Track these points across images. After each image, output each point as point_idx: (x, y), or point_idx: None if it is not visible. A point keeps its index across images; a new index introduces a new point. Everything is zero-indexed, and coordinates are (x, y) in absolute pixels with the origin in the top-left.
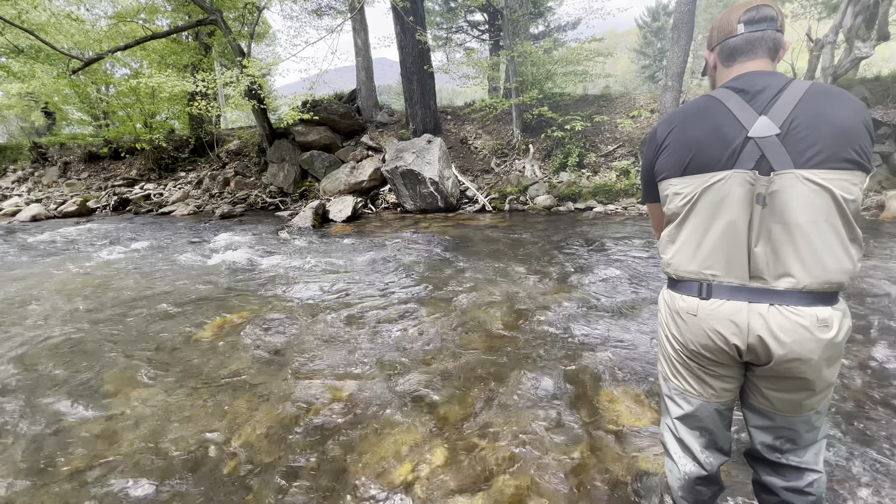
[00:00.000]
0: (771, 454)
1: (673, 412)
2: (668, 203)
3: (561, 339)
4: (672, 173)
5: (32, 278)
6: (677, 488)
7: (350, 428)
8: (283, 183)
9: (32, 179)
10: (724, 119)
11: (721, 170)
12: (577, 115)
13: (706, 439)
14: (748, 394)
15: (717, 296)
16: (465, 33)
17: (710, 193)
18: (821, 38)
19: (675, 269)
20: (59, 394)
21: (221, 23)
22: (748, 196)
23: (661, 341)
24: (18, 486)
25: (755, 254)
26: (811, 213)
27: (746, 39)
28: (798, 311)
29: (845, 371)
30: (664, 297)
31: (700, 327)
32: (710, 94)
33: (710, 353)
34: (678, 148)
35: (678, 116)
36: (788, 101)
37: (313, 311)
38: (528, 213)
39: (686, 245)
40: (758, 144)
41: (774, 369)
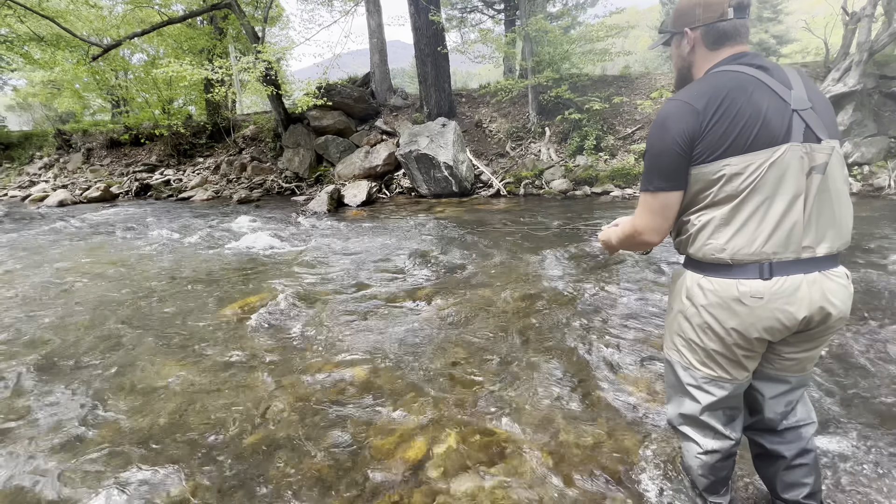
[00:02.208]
0: (782, 421)
1: (703, 400)
2: (723, 185)
3: (576, 323)
4: (732, 151)
5: (64, 262)
6: (697, 467)
7: (367, 406)
8: (299, 168)
9: (58, 166)
10: (769, 93)
11: (781, 143)
12: (594, 96)
13: (728, 416)
14: (767, 364)
15: (779, 273)
16: (481, 13)
17: (775, 169)
18: (857, 11)
19: (733, 253)
20: (91, 370)
21: (236, 6)
22: (803, 168)
23: (683, 336)
24: (61, 456)
25: (807, 225)
26: (842, 180)
27: (735, 25)
28: (836, 272)
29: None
30: (704, 286)
31: (767, 310)
32: (735, 70)
33: (770, 334)
34: (736, 122)
35: (718, 89)
36: (797, 79)
37: (330, 294)
38: (544, 197)
39: (746, 226)
40: (801, 116)
41: (818, 331)
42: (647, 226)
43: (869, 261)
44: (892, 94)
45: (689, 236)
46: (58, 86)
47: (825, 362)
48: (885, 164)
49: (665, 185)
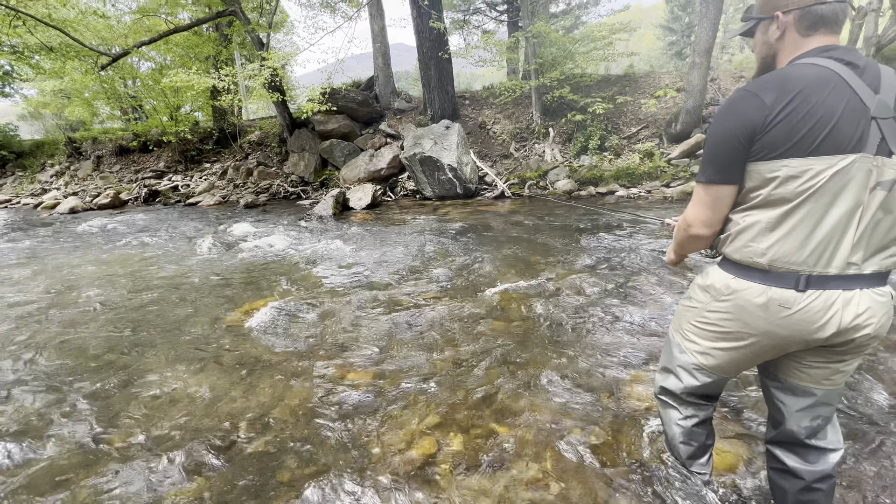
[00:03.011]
0: (810, 439)
1: (687, 382)
2: (778, 186)
3: (582, 325)
4: (794, 152)
5: (73, 268)
6: (678, 434)
7: (373, 408)
8: (304, 172)
9: (69, 173)
10: (849, 95)
11: (851, 152)
12: (598, 96)
13: (707, 396)
14: (788, 372)
15: (815, 287)
16: (484, 14)
17: (838, 178)
18: (864, 6)
19: (773, 259)
20: (99, 375)
21: (240, 13)
22: (867, 182)
23: (698, 325)
24: (74, 458)
25: (858, 241)
26: None
27: (835, 10)
28: (880, 291)
29: None
30: (731, 286)
31: (793, 320)
32: (819, 64)
33: (790, 345)
34: (806, 122)
35: (793, 82)
36: (891, 82)
37: (336, 297)
38: (549, 198)
39: (793, 234)
40: (879, 126)
41: (849, 348)
42: (697, 217)
43: None
44: None
45: (730, 235)
46: (68, 94)
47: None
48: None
49: (718, 177)
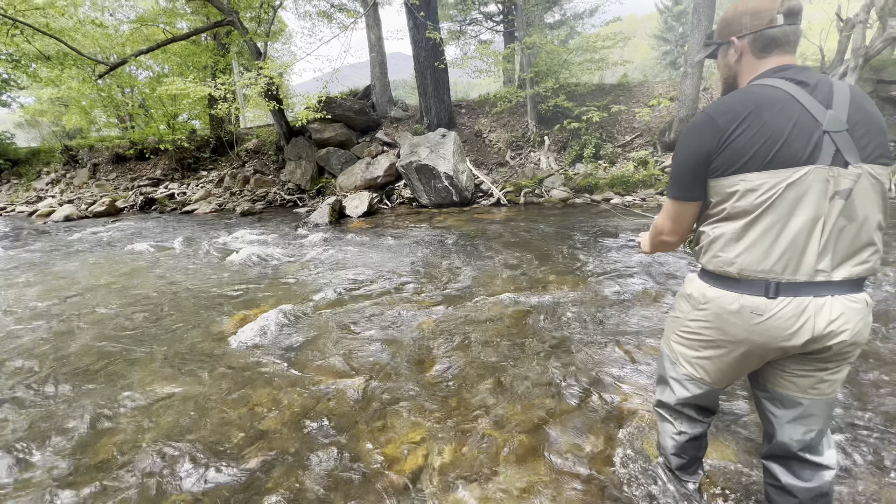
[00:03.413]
0: (801, 451)
1: (679, 394)
2: (737, 200)
3: (575, 334)
4: (749, 167)
5: (67, 276)
6: (671, 447)
7: (364, 417)
8: (301, 180)
9: (64, 181)
10: (799, 111)
11: (804, 164)
12: (593, 104)
13: (702, 409)
14: (776, 381)
15: (785, 294)
16: (480, 25)
17: (793, 190)
18: (851, 18)
19: (741, 268)
20: (91, 386)
21: (238, 23)
22: (825, 192)
23: (683, 335)
24: (59, 471)
25: (824, 248)
26: (870, 207)
27: (785, 32)
28: (853, 297)
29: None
30: (708, 295)
31: (765, 327)
32: (770, 84)
33: (767, 352)
34: (757, 139)
35: (745, 105)
36: (843, 98)
37: (330, 306)
38: (544, 205)
39: (758, 244)
40: (832, 139)
41: (829, 356)
42: (665, 227)
43: None
44: (889, 97)
45: (703, 246)
46: (65, 103)
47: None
48: None
49: (681, 195)
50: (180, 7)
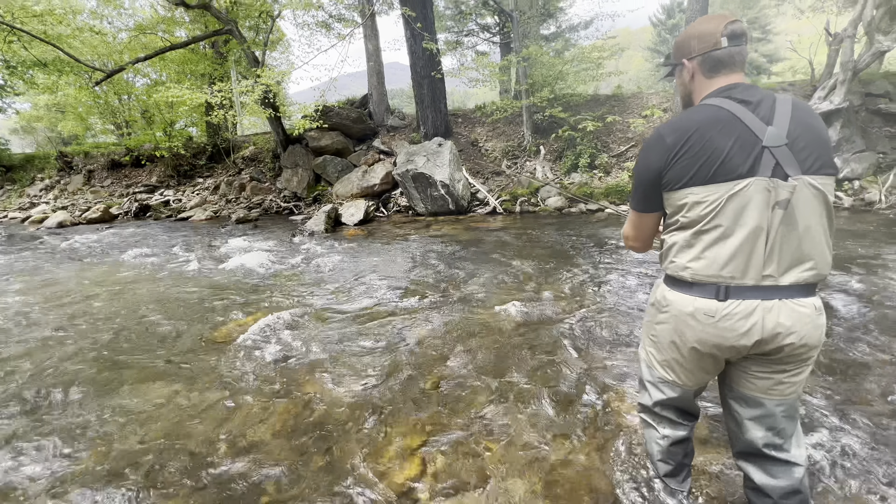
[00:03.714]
0: (767, 448)
1: (655, 397)
2: (687, 211)
3: (570, 344)
4: (695, 181)
5: (59, 283)
6: (657, 452)
7: (357, 428)
8: (297, 187)
9: (59, 187)
10: (740, 128)
11: (744, 177)
12: (588, 115)
13: (681, 411)
14: (739, 382)
15: (734, 297)
16: (476, 36)
17: (735, 200)
18: (839, 32)
19: (693, 273)
20: (81, 393)
21: (237, 32)
22: (767, 202)
23: (652, 338)
24: (43, 481)
25: (769, 255)
26: (813, 215)
27: (730, 53)
28: (801, 302)
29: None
30: (669, 298)
31: (717, 328)
32: (714, 105)
33: (722, 352)
34: (701, 156)
35: (690, 124)
36: (785, 113)
37: (324, 314)
38: (539, 214)
39: (707, 251)
40: (772, 153)
41: (781, 357)
42: (629, 234)
43: (860, 274)
44: (877, 111)
45: (662, 253)
46: (61, 109)
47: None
48: (875, 180)
49: (640, 206)
50: (179, 16)
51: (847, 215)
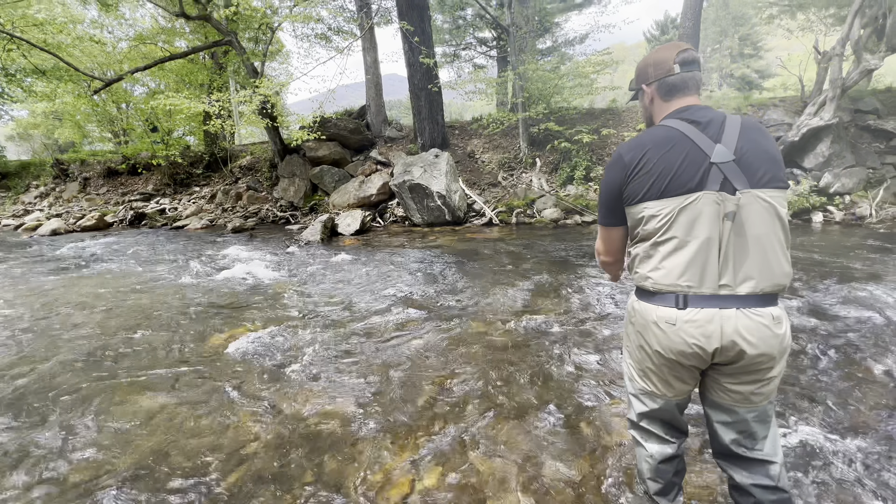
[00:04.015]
0: (737, 448)
1: (638, 409)
2: (645, 224)
3: (565, 357)
4: (649, 196)
5: (50, 292)
6: (646, 470)
7: (350, 441)
8: (294, 197)
9: (53, 195)
10: (690, 146)
11: (693, 191)
12: (583, 128)
13: (667, 427)
14: (711, 391)
15: (693, 305)
16: (473, 49)
17: (686, 213)
18: (828, 51)
19: (654, 282)
20: (71, 404)
21: (236, 43)
22: (717, 214)
23: (628, 348)
24: (32, 497)
25: (724, 264)
26: (764, 226)
27: (683, 78)
28: (759, 311)
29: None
30: (636, 308)
31: (678, 336)
32: (666, 125)
33: (685, 359)
34: (653, 173)
35: (645, 143)
36: (733, 132)
37: (318, 326)
38: (535, 226)
39: (664, 260)
40: (720, 168)
41: (743, 366)
42: (599, 248)
43: (850, 287)
44: (867, 127)
45: (628, 265)
46: (59, 116)
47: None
48: (865, 194)
49: (606, 220)
50: (180, 27)
51: (839, 229)
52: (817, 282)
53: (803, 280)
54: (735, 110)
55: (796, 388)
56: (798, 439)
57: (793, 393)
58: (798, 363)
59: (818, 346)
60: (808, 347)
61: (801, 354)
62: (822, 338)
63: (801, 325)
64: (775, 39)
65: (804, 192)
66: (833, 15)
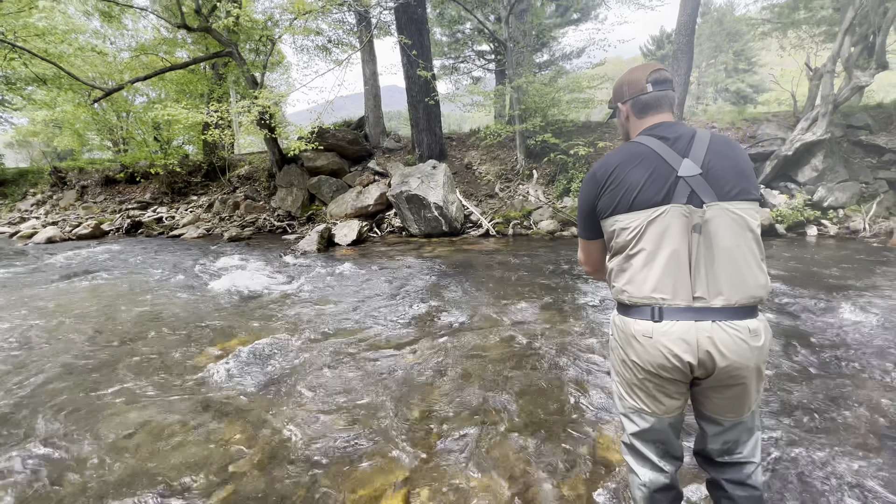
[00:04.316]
0: (720, 457)
1: (629, 429)
2: (617, 237)
3: (561, 369)
4: (619, 210)
5: (41, 301)
6: (640, 499)
7: (341, 460)
8: (291, 207)
9: (51, 202)
10: (657, 161)
11: (661, 205)
12: (580, 140)
13: (661, 449)
14: (700, 404)
15: (668, 318)
16: (472, 63)
17: (654, 226)
18: (819, 68)
19: (629, 295)
20: (56, 417)
21: (237, 55)
22: (685, 226)
23: (614, 366)
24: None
25: (695, 276)
26: (734, 238)
27: (655, 97)
28: (734, 324)
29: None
30: (616, 322)
31: (656, 348)
32: (637, 142)
33: (666, 372)
34: (622, 187)
35: (616, 159)
36: (701, 147)
37: (311, 338)
38: (532, 237)
39: (637, 273)
40: (687, 182)
41: (720, 378)
42: (581, 259)
43: (848, 300)
44: (859, 142)
45: (607, 278)
46: (59, 124)
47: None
48: (858, 209)
49: (583, 234)
50: (181, 38)
51: (833, 243)
52: (816, 294)
53: (806, 293)
54: (729, 124)
55: (790, 400)
56: (787, 453)
57: (785, 404)
58: (788, 375)
59: (811, 357)
60: (800, 359)
61: (792, 365)
62: (816, 349)
63: (795, 336)
64: (769, 55)
65: (798, 205)
66: (824, 32)
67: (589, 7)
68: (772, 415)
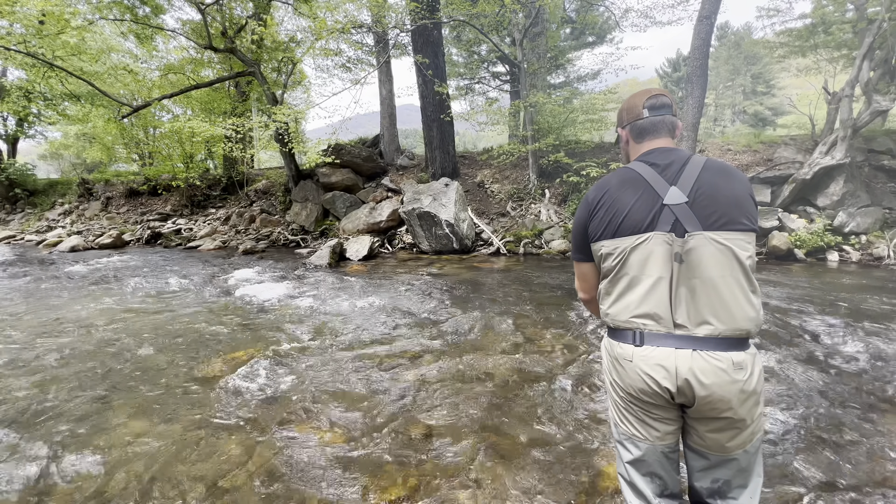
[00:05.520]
0: (710, 497)
1: (624, 457)
2: (604, 261)
3: (567, 391)
4: (605, 235)
5: (59, 309)
6: None
7: (339, 476)
8: (305, 221)
9: (77, 212)
10: (644, 188)
11: (644, 232)
12: (592, 161)
13: (657, 485)
14: (687, 434)
15: (649, 343)
16: (486, 84)
17: (637, 252)
18: (837, 92)
19: (613, 318)
20: (62, 425)
21: (259, 74)
22: (668, 254)
23: (607, 389)
24: None
25: (677, 304)
26: (719, 269)
27: (651, 122)
28: (716, 355)
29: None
30: (605, 345)
31: (635, 372)
32: (629, 167)
33: (647, 396)
34: (609, 213)
35: (607, 184)
36: (691, 174)
37: (318, 352)
38: (543, 256)
39: (621, 297)
40: (672, 210)
41: (700, 410)
42: (577, 285)
43: (871, 329)
44: (881, 167)
45: (597, 302)
46: (90, 138)
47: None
48: (882, 235)
49: (577, 256)
50: (207, 58)
51: (855, 269)
52: (848, 323)
53: (834, 321)
54: (746, 147)
55: (806, 428)
56: (804, 482)
57: (802, 433)
58: (805, 402)
59: (830, 385)
60: (819, 386)
61: (810, 393)
62: (836, 377)
63: (816, 363)
64: (788, 77)
65: (818, 230)
66: (844, 55)
67: (604, 30)
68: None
